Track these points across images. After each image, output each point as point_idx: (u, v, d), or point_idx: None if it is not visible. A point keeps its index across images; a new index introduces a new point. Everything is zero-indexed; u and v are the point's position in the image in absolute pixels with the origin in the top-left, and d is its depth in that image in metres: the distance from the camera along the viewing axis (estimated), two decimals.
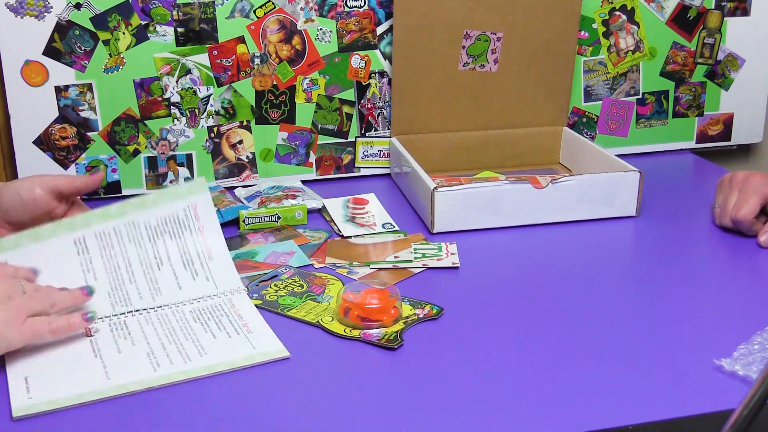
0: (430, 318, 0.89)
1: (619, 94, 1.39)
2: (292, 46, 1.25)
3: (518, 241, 1.08)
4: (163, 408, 0.74)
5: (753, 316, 0.88)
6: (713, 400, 0.73)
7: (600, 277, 0.98)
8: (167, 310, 0.90)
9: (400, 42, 1.25)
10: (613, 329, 0.86)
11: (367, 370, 0.80)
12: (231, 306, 0.91)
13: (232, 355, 0.81)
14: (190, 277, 0.94)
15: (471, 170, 1.32)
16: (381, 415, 0.73)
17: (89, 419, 0.73)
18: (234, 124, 1.26)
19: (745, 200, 1.05)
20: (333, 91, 1.28)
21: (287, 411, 0.74)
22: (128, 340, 0.85)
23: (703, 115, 1.44)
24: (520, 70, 1.31)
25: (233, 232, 1.12)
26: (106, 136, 1.22)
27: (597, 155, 1.23)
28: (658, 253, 1.05)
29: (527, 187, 1.10)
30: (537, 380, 0.77)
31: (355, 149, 1.32)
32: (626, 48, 1.37)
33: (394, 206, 1.19)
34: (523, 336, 0.85)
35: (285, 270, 1.00)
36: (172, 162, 1.25)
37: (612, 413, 0.72)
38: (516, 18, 1.27)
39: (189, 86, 1.23)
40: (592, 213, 1.13)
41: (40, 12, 1.16)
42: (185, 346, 0.83)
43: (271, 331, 0.86)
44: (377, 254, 1.04)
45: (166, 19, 1.20)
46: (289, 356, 0.81)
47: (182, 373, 0.79)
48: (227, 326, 0.87)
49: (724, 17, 1.38)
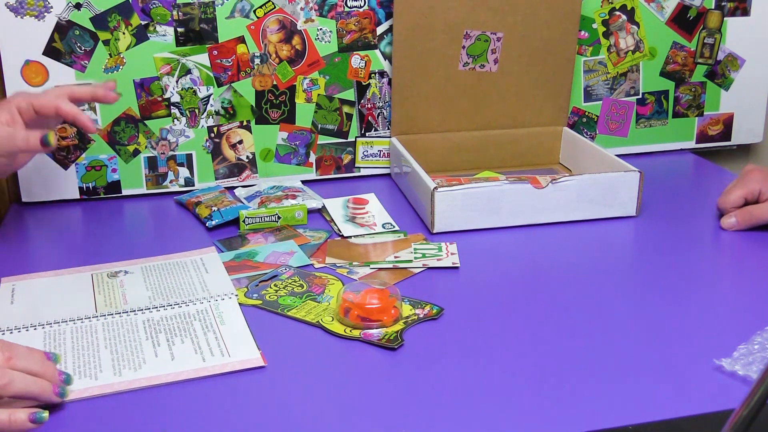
0: (430, 318, 0.89)
1: (619, 94, 1.39)
2: (292, 46, 1.25)
3: (518, 241, 1.08)
4: (162, 408, 0.74)
5: (753, 316, 0.88)
6: (713, 400, 0.73)
7: (600, 277, 0.98)
8: (155, 313, 0.90)
9: (400, 42, 1.25)
10: (613, 329, 0.86)
11: (367, 370, 0.80)
12: (217, 311, 0.91)
13: (201, 364, 0.80)
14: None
15: (471, 170, 1.32)
16: (381, 415, 0.73)
17: (52, 421, 0.72)
18: (234, 124, 1.26)
19: (731, 190, 1.11)
20: (333, 91, 1.28)
21: (287, 411, 0.74)
22: (122, 338, 0.85)
23: (703, 115, 1.44)
24: (520, 70, 1.31)
25: (233, 232, 1.12)
26: (106, 136, 1.22)
27: (597, 155, 1.23)
28: (658, 253, 1.05)
29: (527, 187, 1.10)
30: (537, 380, 0.77)
31: (355, 149, 1.32)
32: (626, 48, 1.37)
33: (394, 206, 1.19)
34: (523, 336, 0.85)
35: (285, 270, 1.00)
36: (172, 162, 1.25)
37: (612, 413, 0.72)
38: (516, 18, 1.27)
39: (189, 86, 1.23)
40: (592, 213, 1.13)
41: (40, 12, 1.16)
42: (147, 351, 0.82)
43: (252, 338, 0.85)
44: (377, 254, 1.04)
45: (166, 19, 1.20)
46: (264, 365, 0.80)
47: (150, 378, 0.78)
48: (205, 333, 0.86)
49: (724, 17, 1.38)
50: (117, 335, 0.85)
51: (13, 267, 1.02)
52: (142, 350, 0.83)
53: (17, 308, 0.92)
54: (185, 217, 1.18)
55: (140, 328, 0.86)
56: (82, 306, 0.91)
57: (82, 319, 0.88)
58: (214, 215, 1.13)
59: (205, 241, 1.10)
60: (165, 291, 0.95)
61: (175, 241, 1.10)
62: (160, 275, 0.99)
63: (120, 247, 1.08)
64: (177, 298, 0.93)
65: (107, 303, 0.92)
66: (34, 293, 0.95)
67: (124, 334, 0.86)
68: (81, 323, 0.88)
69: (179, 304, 0.91)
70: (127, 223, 1.18)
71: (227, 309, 0.90)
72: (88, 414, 0.73)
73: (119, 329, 0.87)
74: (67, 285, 0.97)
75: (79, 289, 0.96)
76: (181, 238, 1.11)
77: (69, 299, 0.93)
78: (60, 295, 0.95)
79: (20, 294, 0.95)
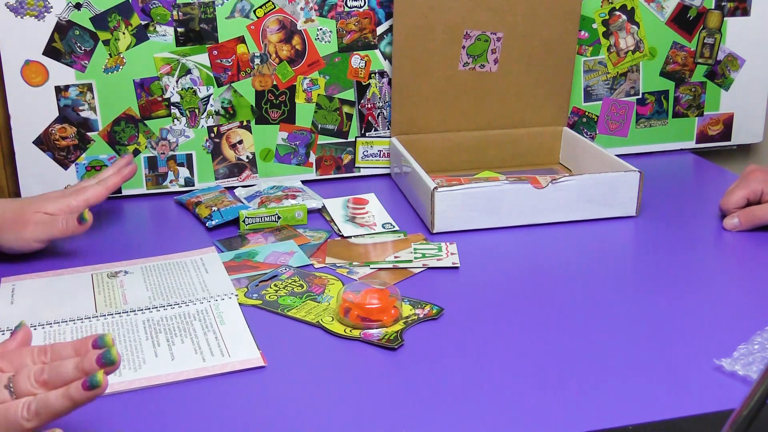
0: (430, 318, 0.89)
1: (619, 94, 1.39)
2: (292, 46, 1.25)
3: (518, 241, 1.08)
4: (162, 408, 0.74)
5: (753, 316, 0.88)
6: (713, 400, 0.73)
7: (600, 277, 0.98)
8: (155, 312, 0.90)
9: (400, 42, 1.25)
10: (613, 329, 0.86)
11: (367, 370, 0.80)
12: (217, 311, 0.90)
13: (202, 364, 0.80)
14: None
15: (471, 170, 1.32)
16: (381, 415, 0.73)
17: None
18: (234, 124, 1.26)
19: (734, 191, 1.10)
20: (333, 91, 1.28)
21: (287, 411, 0.74)
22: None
23: (703, 115, 1.44)
24: (520, 70, 1.31)
25: (233, 232, 1.12)
26: (106, 136, 1.22)
27: (597, 155, 1.23)
28: (658, 253, 1.05)
29: (527, 187, 1.10)
30: (537, 380, 0.77)
31: (355, 149, 1.32)
32: (626, 48, 1.37)
33: (394, 206, 1.19)
34: (523, 336, 0.85)
35: (285, 270, 1.00)
36: (172, 162, 1.25)
37: (612, 413, 0.72)
38: (516, 18, 1.27)
39: (189, 86, 1.23)
40: (592, 213, 1.13)
41: (40, 12, 1.16)
42: (150, 351, 0.83)
43: (252, 338, 0.85)
44: (377, 254, 1.04)
45: (166, 19, 1.20)
46: (264, 365, 0.81)
47: (149, 378, 0.78)
48: (205, 333, 0.86)
49: (724, 17, 1.38)
50: (117, 335, 0.85)
51: (13, 267, 1.02)
52: (142, 350, 0.83)
53: (17, 308, 0.92)
54: (185, 217, 1.18)
55: (140, 328, 0.87)
56: (82, 306, 0.91)
57: (82, 319, 0.88)
58: (214, 215, 1.13)
59: (205, 241, 1.10)
60: (165, 291, 0.95)
61: (175, 241, 1.10)
62: (160, 275, 0.99)
63: (120, 247, 1.08)
64: (177, 298, 0.93)
65: (107, 303, 0.92)
66: (34, 293, 0.95)
67: (124, 334, 0.86)
68: (81, 323, 0.88)
69: (179, 304, 0.91)
70: (127, 223, 1.18)
71: (227, 309, 0.90)
72: (88, 414, 0.73)
73: (119, 329, 0.87)
74: (67, 285, 0.97)
75: (79, 289, 0.96)
76: (181, 238, 1.11)
77: (69, 299, 0.93)
78: (60, 295, 0.95)
79: (20, 294, 0.95)
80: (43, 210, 1.02)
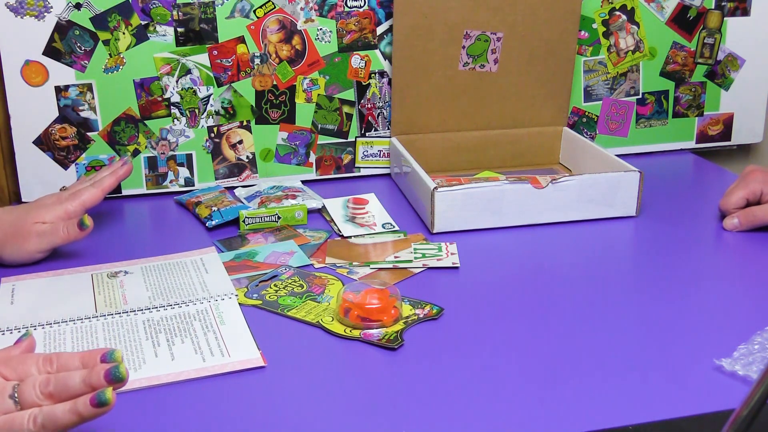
0: (430, 318, 0.89)
1: (619, 94, 1.39)
2: (292, 46, 1.25)
3: (518, 241, 1.08)
4: (162, 408, 0.74)
5: (753, 316, 0.88)
6: (713, 400, 0.73)
7: (600, 277, 0.98)
8: (155, 312, 0.90)
9: (400, 42, 1.25)
10: (613, 329, 0.86)
11: (367, 370, 0.80)
12: (217, 311, 0.90)
13: (202, 364, 0.80)
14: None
15: (471, 170, 1.32)
16: (381, 415, 0.73)
17: None
18: (234, 124, 1.26)
19: (733, 191, 1.10)
20: (333, 91, 1.28)
21: (287, 411, 0.74)
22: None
23: (703, 115, 1.44)
24: (520, 70, 1.31)
25: (233, 232, 1.12)
26: (106, 136, 1.22)
27: (597, 155, 1.23)
28: (658, 253, 1.05)
29: (527, 187, 1.10)
30: (537, 380, 0.77)
31: (355, 149, 1.32)
32: (626, 48, 1.37)
33: (394, 206, 1.19)
34: (523, 336, 0.85)
35: (285, 270, 1.00)
36: (172, 162, 1.25)
37: (612, 413, 0.72)
38: (516, 18, 1.27)
39: (189, 86, 1.23)
40: (592, 213, 1.13)
41: (40, 12, 1.16)
42: (152, 351, 0.82)
43: (252, 338, 0.85)
44: (377, 254, 1.04)
45: (166, 19, 1.20)
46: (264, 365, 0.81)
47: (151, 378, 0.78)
48: (205, 333, 0.86)
49: (724, 17, 1.38)
50: (117, 335, 0.85)
51: (13, 267, 1.02)
52: (142, 350, 0.83)
53: (17, 308, 0.92)
54: (185, 217, 1.18)
55: (140, 329, 0.87)
56: (82, 306, 0.91)
57: (82, 319, 0.88)
58: (214, 215, 1.13)
59: (205, 241, 1.10)
60: (165, 291, 0.95)
61: (175, 241, 1.10)
62: (160, 275, 0.99)
63: (120, 247, 1.08)
64: (177, 298, 0.93)
65: (107, 303, 0.92)
66: (34, 293, 0.95)
67: (124, 334, 0.86)
68: (81, 323, 0.88)
69: (179, 304, 0.91)
70: (127, 223, 1.18)
71: (227, 309, 0.90)
72: None
73: (119, 329, 0.87)
74: (67, 285, 0.97)
75: (79, 289, 0.96)
76: (181, 238, 1.11)
77: (69, 299, 0.93)
78: (60, 295, 0.95)
79: (20, 294, 0.95)
80: (42, 220, 1.01)
